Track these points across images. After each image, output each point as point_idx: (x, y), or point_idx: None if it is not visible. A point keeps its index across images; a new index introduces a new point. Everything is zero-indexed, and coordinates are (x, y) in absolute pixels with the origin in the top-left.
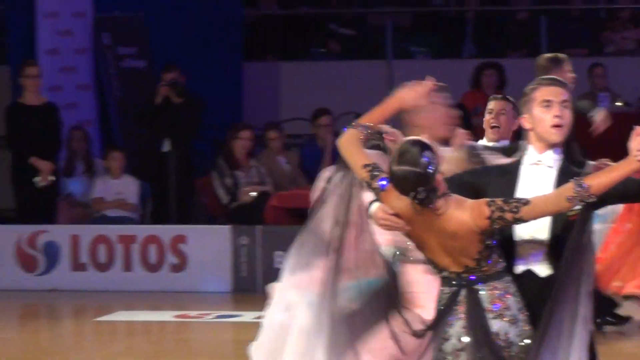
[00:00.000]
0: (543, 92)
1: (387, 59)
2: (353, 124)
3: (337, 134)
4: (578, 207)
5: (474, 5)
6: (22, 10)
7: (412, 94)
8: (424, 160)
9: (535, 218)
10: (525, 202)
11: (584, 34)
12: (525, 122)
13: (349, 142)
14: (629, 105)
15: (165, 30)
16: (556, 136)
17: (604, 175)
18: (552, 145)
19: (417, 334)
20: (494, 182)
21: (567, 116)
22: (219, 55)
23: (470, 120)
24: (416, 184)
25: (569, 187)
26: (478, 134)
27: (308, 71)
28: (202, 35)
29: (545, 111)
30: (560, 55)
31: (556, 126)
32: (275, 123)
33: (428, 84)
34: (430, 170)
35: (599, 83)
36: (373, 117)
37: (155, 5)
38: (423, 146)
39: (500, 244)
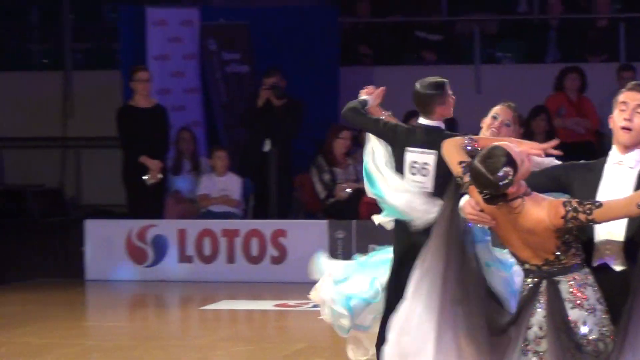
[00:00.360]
0: (623, 95)
1: (474, 64)
2: (465, 135)
3: None
4: None
5: (557, 12)
6: (134, 19)
7: (530, 145)
8: (500, 173)
9: (607, 221)
10: (599, 205)
11: None
12: (610, 122)
13: (452, 143)
14: None
15: (267, 37)
16: (623, 138)
17: None
18: (629, 147)
19: (502, 330)
20: (579, 177)
21: (638, 122)
22: (317, 60)
23: (552, 121)
24: (484, 186)
25: (639, 193)
26: (559, 134)
27: (400, 75)
28: (302, 42)
29: (620, 113)
30: None
31: (624, 128)
32: None
33: (545, 146)
34: (501, 184)
35: None
36: (483, 139)
37: (258, 14)
38: (509, 161)
39: (579, 239)
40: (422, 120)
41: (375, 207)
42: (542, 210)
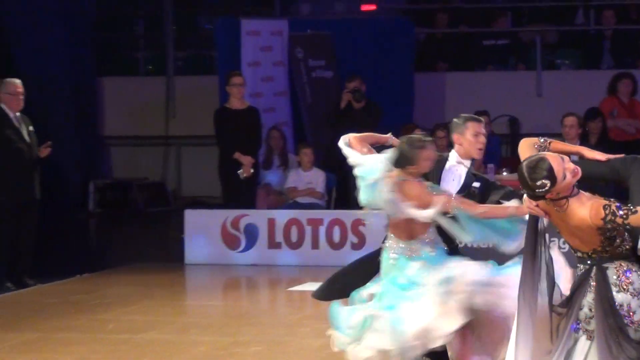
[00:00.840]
0: None
1: (536, 70)
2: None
3: (492, 133)
4: None
5: (611, 24)
6: (229, 29)
7: (597, 154)
8: (538, 183)
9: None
10: (634, 212)
11: None
12: None
13: (526, 142)
14: None
15: (349, 46)
16: None
17: None
18: None
19: (558, 312)
20: (636, 172)
21: None
22: (394, 66)
23: (605, 122)
24: (523, 187)
25: None
26: (612, 133)
27: (469, 80)
28: (380, 50)
29: None
30: None
31: None
32: (442, 124)
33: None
34: (537, 191)
35: None
36: (558, 144)
37: (342, 25)
38: (549, 175)
39: (624, 232)
40: None
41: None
42: (585, 210)
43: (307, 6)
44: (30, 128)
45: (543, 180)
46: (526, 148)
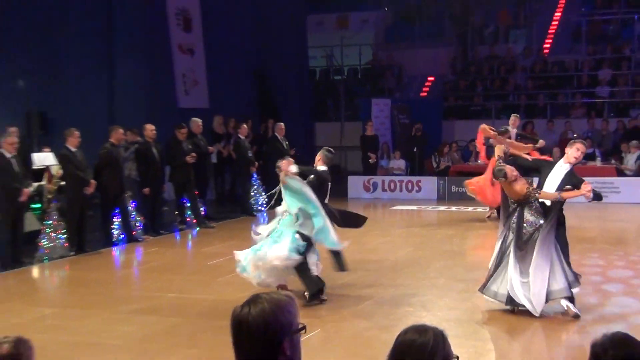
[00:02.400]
0: None
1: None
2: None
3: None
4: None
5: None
6: (366, 103)
7: (528, 156)
8: (500, 178)
9: (545, 199)
10: (539, 193)
11: None
12: None
13: (499, 148)
14: None
15: (415, 109)
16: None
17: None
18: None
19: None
20: (543, 169)
21: None
22: (435, 118)
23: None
24: (492, 174)
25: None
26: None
27: (459, 124)
28: (429, 111)
29: None
30: None
31: None
32: (449, 141)
33: None
34: (500, 179)
35: None
36: (515, 150)
37: (412, 101)
38: (505, 175)
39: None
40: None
41: (455, 172)
42: (518, 187)
43: (399, 93)
44: (286, 143)
45: (502, 177)
46: (496, 149)
